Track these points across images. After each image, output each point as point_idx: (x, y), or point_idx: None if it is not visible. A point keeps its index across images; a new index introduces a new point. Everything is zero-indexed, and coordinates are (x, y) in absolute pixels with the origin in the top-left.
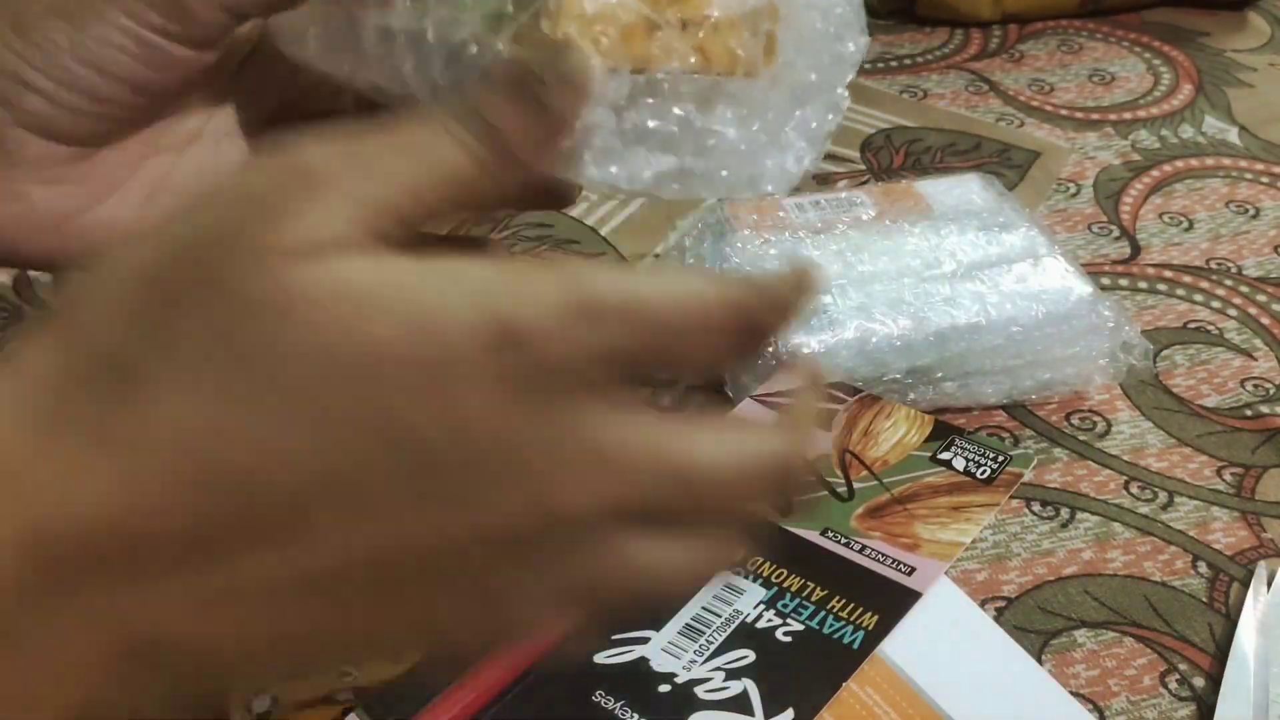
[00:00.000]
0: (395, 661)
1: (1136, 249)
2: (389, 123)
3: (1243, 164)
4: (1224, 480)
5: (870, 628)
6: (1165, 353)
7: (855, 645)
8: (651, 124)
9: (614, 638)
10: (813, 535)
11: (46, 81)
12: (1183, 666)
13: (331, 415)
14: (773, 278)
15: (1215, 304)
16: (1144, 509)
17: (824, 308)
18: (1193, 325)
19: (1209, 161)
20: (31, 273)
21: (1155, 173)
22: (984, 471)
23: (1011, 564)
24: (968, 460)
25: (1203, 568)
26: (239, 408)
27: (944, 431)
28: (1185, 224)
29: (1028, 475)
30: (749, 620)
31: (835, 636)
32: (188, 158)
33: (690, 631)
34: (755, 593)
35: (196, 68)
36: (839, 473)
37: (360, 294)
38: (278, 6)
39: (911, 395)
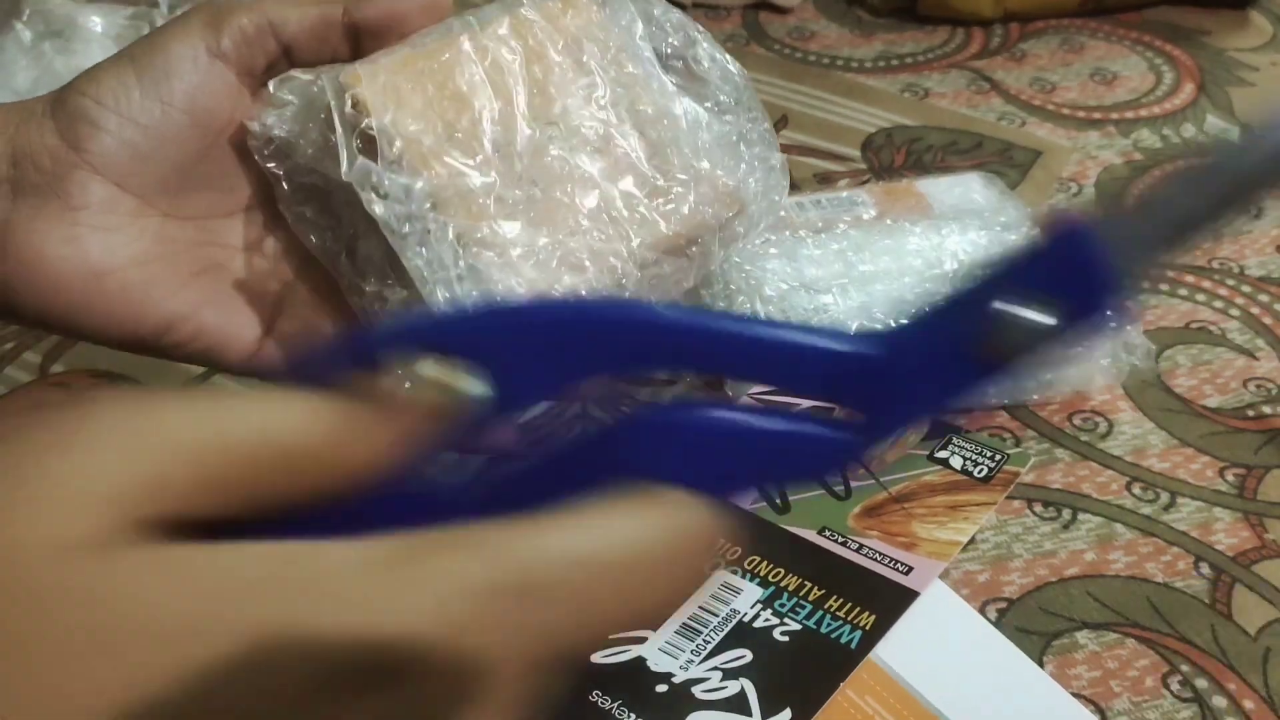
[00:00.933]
0: None
1: None
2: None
3: None
4: (1226, 481)
5: (867, 627)
6: (1167, 353)
7: (852, 645)
8: None
9: (610, 637)
10: (810, 534)
11: (115, 120)
12: (1185, 668)
13: None
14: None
15: (1217, 304)
16: (1146, 510)
17: (825, 308)
18: (1195, 325)
19: None
20: None
21: (1157, 172)
22: (981, 470)
23: (1013, 565)
24: (965, 459)
25: (1205, 569)
26: None
27: (941, 430)
28: None
29: (1025, 474)
30: (746, 620)
31: (832, 636)
32: (236, 264)
33: (687, 631)
34: (752, 592)
35: (240, 101)
36: None
37: None
38: (327, 49)
39: None
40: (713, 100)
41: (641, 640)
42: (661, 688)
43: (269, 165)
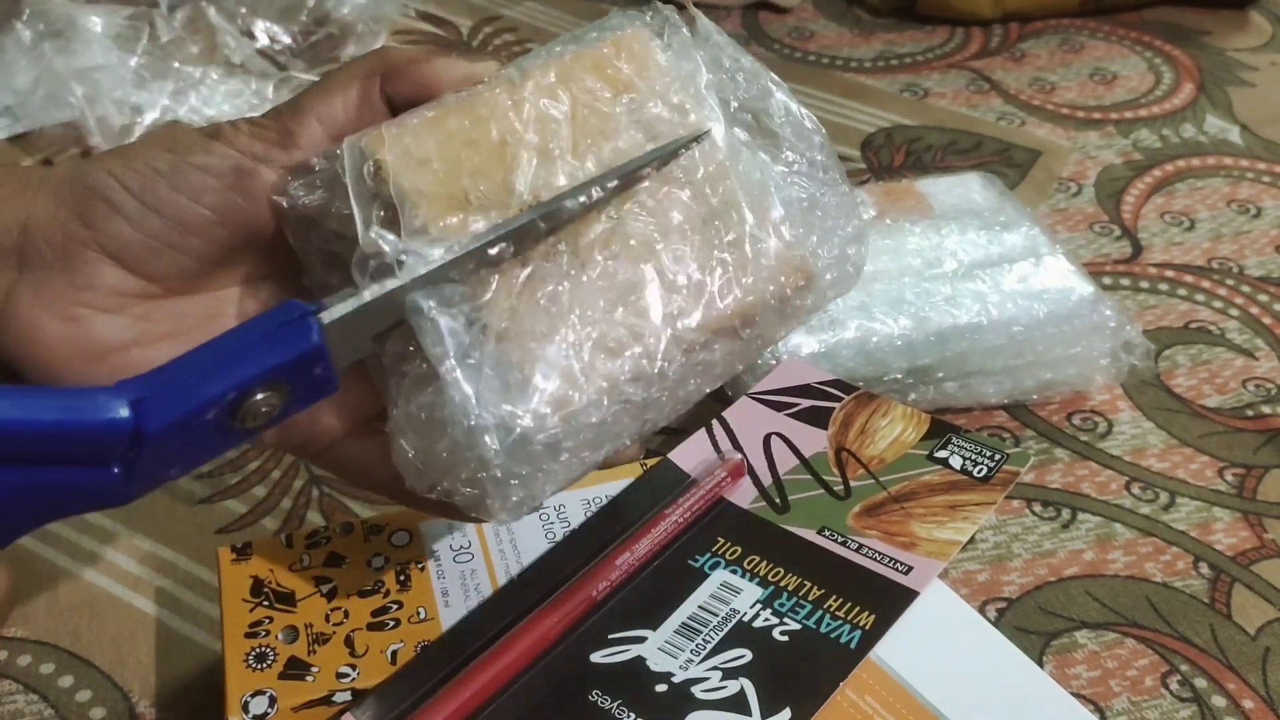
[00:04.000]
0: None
1: (1138, 248)
2: None
3: (1244, 163)
4: (1225, 481)
5: (867, 627)
6: (1167, 353)
7: (852, 645)
8: None
9: (610, 636)
10: (810, 534)
11: (136, 206)
12: (1184, 667)
13: None
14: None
15: (1217, 304)
16: (1145, 509)
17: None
18: (1194, 325)
19: (1210, 161)
20: None
21: (1157, 172)
22: (980, 470)
23: (1013, 565)
24: (964, 459)
25: (1204, 568)
26: None
27: (940, 430)
28: (1187, 223)
29: (1025, 474)
30: (746, 619)
31: (832, 636)
32: None
33: (687, 630)
34: (752, 591)
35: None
36: (836, 471)
37: None
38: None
39: (912, 395)
40: (785, 159)
41: (641, 640)
42: (661, 687)
43: (296, 238)
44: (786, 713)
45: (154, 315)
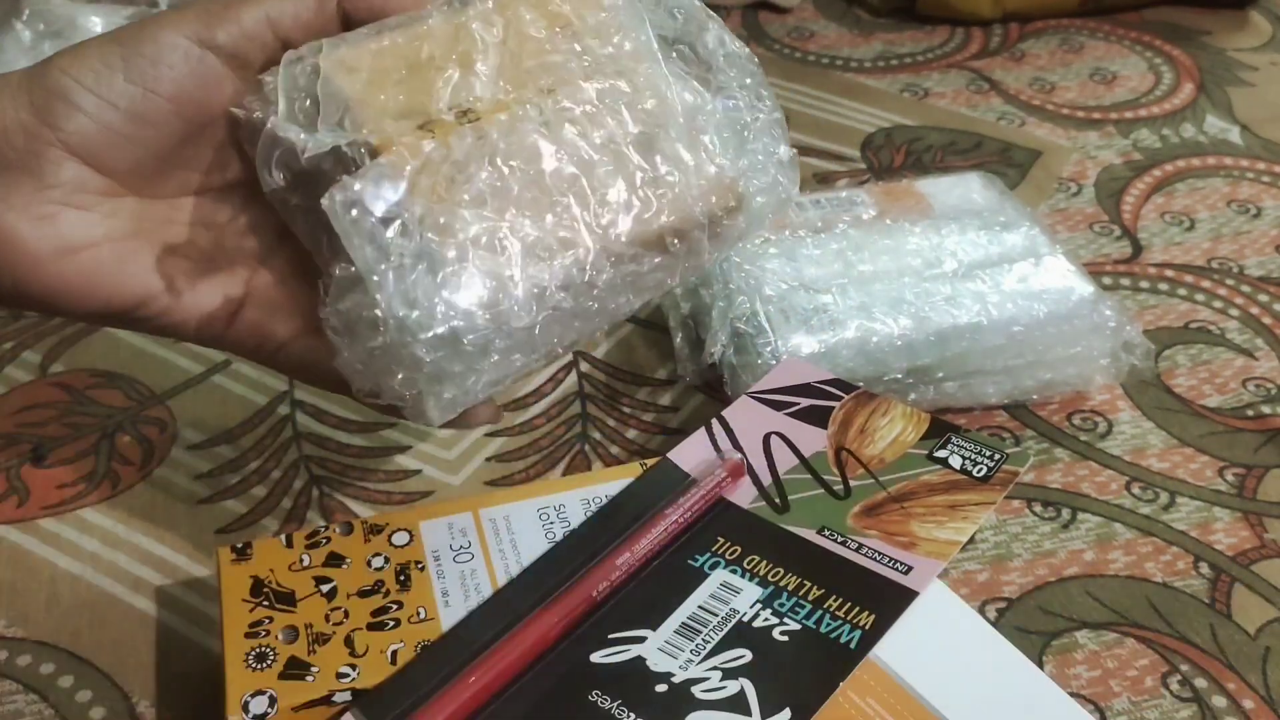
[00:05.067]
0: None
1: (1138, 248)
2: None
3: (1244, 163)
4: (1225, 480)
5: (867, 627)
6: (1167, 353)
7: (852, 645)
8: None
9: (610, 636)
10: (809, 534)
11: (94, 101)
12: (1184, 667)
13: None
14: None
15: (1217, 304)
16: (1145, 509)
17: (824, 307)
18: (1194, 325)
19: (1210, 161)
20: None
21: (1157, 172)
22: (980, 470)
23: (1013, 565)
24: (964, 458)
25: (1204, 568)
26: None
27: (940, 429)
28: (1187, 223)
29: (1025, 474)
30: (745, 619)
31: (832, 636)
32: (210, 240)
33: (687, 630)
34: (752, 591)
35: (230, 94)
36: (835, 470)
37: None
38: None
39: (912, 395)
40: (719, 87)
41: (641, 640)
42: (661, 687)
43: (252, 150)
44: (786, 713)
45: (120, 213)
